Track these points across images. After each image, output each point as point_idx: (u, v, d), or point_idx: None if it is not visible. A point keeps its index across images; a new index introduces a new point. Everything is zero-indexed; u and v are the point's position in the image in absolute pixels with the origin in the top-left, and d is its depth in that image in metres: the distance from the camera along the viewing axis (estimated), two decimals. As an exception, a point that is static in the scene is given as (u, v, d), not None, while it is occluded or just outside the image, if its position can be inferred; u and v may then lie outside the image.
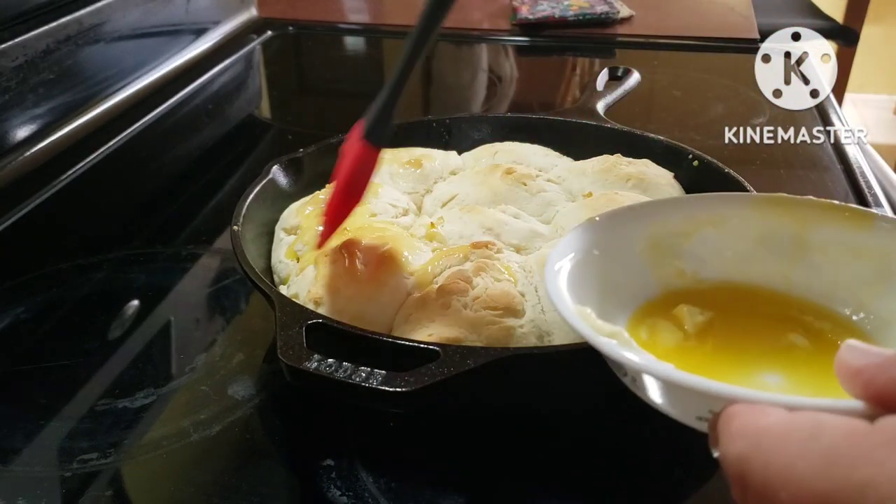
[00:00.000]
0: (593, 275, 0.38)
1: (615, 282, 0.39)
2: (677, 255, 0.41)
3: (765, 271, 0.40)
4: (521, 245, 0.52)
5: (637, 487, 0.43)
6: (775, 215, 0.40)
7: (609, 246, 0.39)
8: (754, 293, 0.40)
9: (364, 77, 1.17)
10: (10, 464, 0.45)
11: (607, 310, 0.36)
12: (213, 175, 0.83)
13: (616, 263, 0.39)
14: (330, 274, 0.48)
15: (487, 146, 0.67)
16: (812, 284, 0.39)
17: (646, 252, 0.40)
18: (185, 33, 1.07)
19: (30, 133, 0.80)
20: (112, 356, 0.54)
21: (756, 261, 0.40)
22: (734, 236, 0.41)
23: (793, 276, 0.39)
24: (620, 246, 0.40)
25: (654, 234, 0.41)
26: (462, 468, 0.44)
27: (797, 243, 0.40)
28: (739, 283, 0.40)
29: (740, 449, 0.22)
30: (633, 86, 0.77)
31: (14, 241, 0.69)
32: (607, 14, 1.19)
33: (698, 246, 0.41)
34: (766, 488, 0.21)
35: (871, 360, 0.22)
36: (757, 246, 0.40)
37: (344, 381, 0.37)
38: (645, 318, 0.38)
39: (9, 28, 0.78)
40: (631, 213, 0.42)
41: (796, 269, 0.39)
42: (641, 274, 0.40)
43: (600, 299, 0.36)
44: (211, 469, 0.45)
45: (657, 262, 0.40)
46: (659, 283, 0.40)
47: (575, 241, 0.39)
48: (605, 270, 0.38)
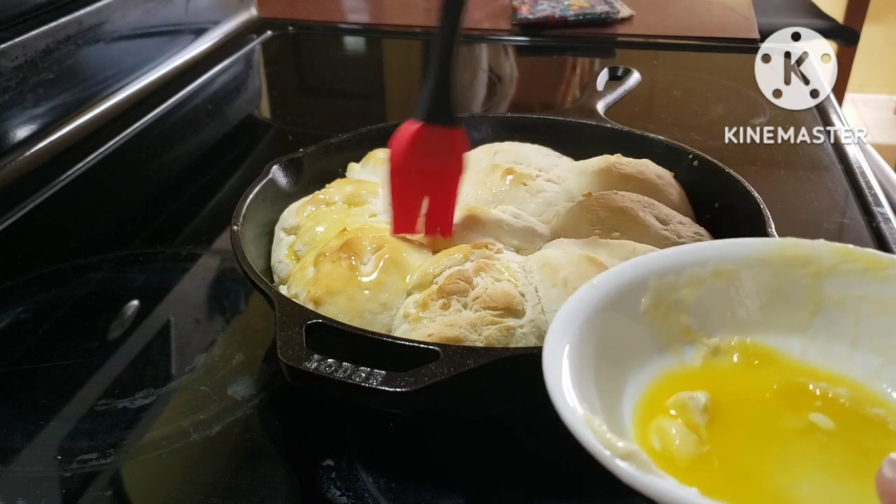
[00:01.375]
0: (596, 348, 0.35)
1: (620, 353, 0.36)
2: (683, 312, 0.38)
3: (779, 325, 0.38)
4: (522, 245, 0.52)
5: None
6: (788, 266, 0.38)
7: (611, 311, 0.36)
8: (763, 356, 0.37)
9: (364, 77, 1.17)
10: (10, 464, 0.45)
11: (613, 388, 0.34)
12: (213, 175, 0.83)
13: (620, 329, 0.36)
14: (330, 274, 0.48)
15: (487, 146, 0.67)
16: (830, 338, 0.36)
17: (649, 312, 0.38)
18: (185, 33, 1.07)
19: (30, 133, 0.80)
20: (112, 356, 0.54)
21: (769, 315, 0.38)
22: (744, 289, 0.38)
23: (809, 330, 0.37)
24: (622, 310, 0.37)
25: (656, 290, 0.38)
26: (462, 468, 0.44)
27: (812, 295, 0.37)
28: (750, 343, 0.38)
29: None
30: (633, 86, 0.77)
31: (14, 241, 0.69)
32: (607, 14, 1.19)
33: (705, 301, 0.38)
34: None
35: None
36: (769, 299, 0.38)
37: (344, 381, 0.37)
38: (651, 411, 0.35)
39: (9, 28, 0.78)
40: (630, 271, 0.39)
41: (813, 322, 0.37)
42: (647, 339, 0.37)
43: (604, 376, 0.34)
44: (211, 469, 0.45)
45: (662, 323, 0.38)
46: (664, 348, 0.37)
47: (573, 314, 0.35)
48: (609, 341, 0.36)
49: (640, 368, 0.36)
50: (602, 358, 0.34)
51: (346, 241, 0.50)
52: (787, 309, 0.38)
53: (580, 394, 0.31)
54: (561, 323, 0.35)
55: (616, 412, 0.33)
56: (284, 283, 0.52)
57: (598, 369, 0.34)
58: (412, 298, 0.47)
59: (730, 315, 0.38)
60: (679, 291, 0.38)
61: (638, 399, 0.35)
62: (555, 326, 0.34)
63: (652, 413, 0.34)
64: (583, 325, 0.35)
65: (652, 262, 0.39)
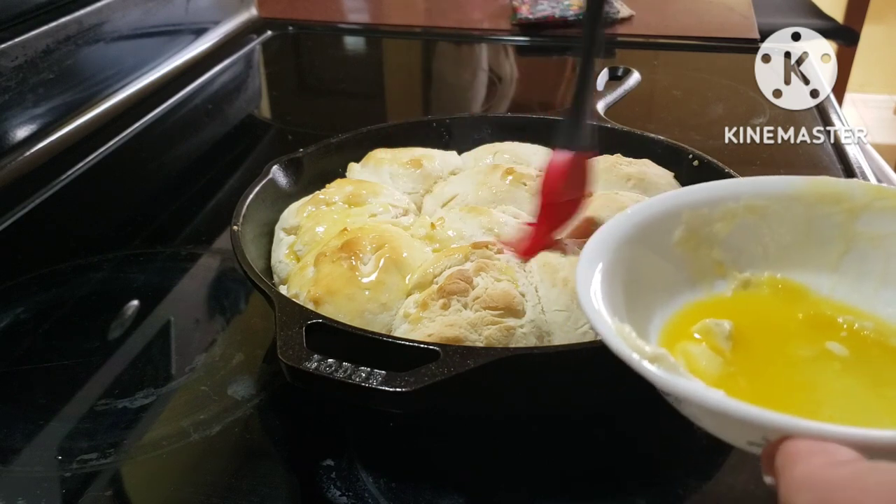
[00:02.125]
0: (627, 274, 0.35)
1: (650, 282, 0.36)
2: (715, 246, 0.38)
3: (809, 262, 0.38)
4: (521, 245, 0.52)
5: (637, 487, 0.43)
6: (821, 203, 0.38)
7: (643, 241, 0.37)
8: (793, 290, 0.38)
9: (364, 77, 1.17)
10: (10, 464, 0.45)
11: (640, 315, 0.34)
12: (213, 175, 0.83)
13: (651, 260, 0.37)
14: (330, 274, 0.48)
15: (487, 146, 0.67)
16: (860, 276, 0.37)
17: (681, 244, 0.38)
18: (185, 33, 1.07)
19: (30, 133, 0.80)
20: (112, 356, 0.54)
21: (800, 251, 0.38)
22: (776, 225, 0.38)
23: (839, 267, 0.37)
24: (655, 240, 0.37)
25: (689, 223, 0.38)
26: (462, 468, 0.44)
27: (844, 233, 0.37)
28: (781, 278, 0.38)
29: (807, 501, 0.21)
30: (633, 86, 0.77)
31: (14, 241, 0.69)
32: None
33: (737, 235, 0.38)
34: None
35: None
36: (801, 236, 0.38)
37: (344, 381, 0.37)
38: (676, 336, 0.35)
39: (9, 28, 0.78)
40: (664, 203, 0.39)
41: (843, 260, 0.37)
42: (677, 270, 0.38)
43: (633, 303, 0.34)
44: (211, 469, 0.45)
45: (694, 255, 0.38)
46: (695, 281, 0.38)
47: (607, 238, 0.36)
48: (640, 269, 0.36)
49: (669, 298, 0.37)
50: (632, 284, 0.35)
51: (346, 241, 0.50)
52: (819, 246, 0.38)
53: (611, 308, 0.32)
54: (594, 245, 0.35)
55: (643, 335, 0.33)
56: (284, 283, 0.52)
57: (627, 294, 0.34)
58: (412, 298, 0.47)
59: (761, 250, 0.38)
60: (712, 225, 0.38)
61: (664, 325, 0.36)
62: (588, 248, 0.35)
63: (677, 338, 0.35)
64: (615, 250, 0.35)
65: (685, 195, 0.39)
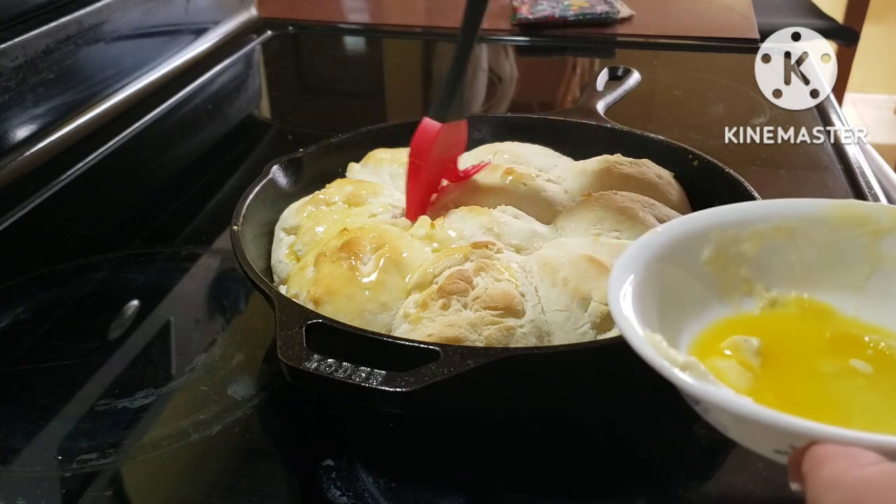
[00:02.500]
0: (656, 290, 0.36)
1: (679, 298, 0.37)
2: (743, 265, 0.39)
3: (835, 283, 0.39)
4: (522, 245, 0.52)
5: (637, 487, 0.43)
6: (847, 226, 0.39)
7: (672, 259, 0.38)
8: (819, 310, 0.38)
9: (364, 77, 1.17)
10: (10, 464, 0.45)
11: (670, 330, 0.34)
12: (213, 175, 0.83)
13: (680, 278, 0.38)
14: (330, 274, 0.48)
15: (487, 146, 0.67)
16: (885, 296, 0.37)
17: (710, 263, 0.39)
18: (185, 33, 1.07)
19: (30, 133, 0.80)
20: (112, 356, 0.54)
21: (827, 272, 0.39)
22: (803, 246, 0.39)
23: (865, 288, 0.38)
24: (684, 258, 0.38)
25: (718, 242, 0.39)
26: (462, 468, 0.44)
27: (869, 255, 0.38)
28: (807, 298, 0.39)
29: (837, 502, 0.21)
30: (633, 86, 0.77)
31: (14, 241, 0.69)
32: (607, 14, 1.19)
33: (765, 255, 0.39)
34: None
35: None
36: (827, 257, 0.39)
37: (344, 381, 0.37)
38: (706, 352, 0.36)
39: (9, 28, 0.78)
40: (693, 222, 0.40)
41: (869, 281, 0.38)
42: (706, 288, 0.38)
43: (663, 318, 0.35)
44: (211, 469, 0.45)
45: (722, 274, 0.39)
46: (723, 299, 0.39)
47: (639, 254, 0.37)
48: (669, 285, 0.37)
49: (698, 314, 0.38)
50: (662, 299, 0.36)
51: (346, 241, 0.50)
52: (845, 267, 0.39)
53: (641, 319, 0.33)
54: (625, 261, 0.36)
55: (674, 339, 0.35)
56: (284, 283, 0.52)
57: (657, 309, 0.35)
58: (412, 298, 0.47)
59: (789, 270, 0.39)
60: (741, 245, 0.39)
61: (693, 340, 0.37)
62: (620, 263, 0.36)
63: (706, 353, 0.35)
64: (645, 266, 0.36)
65: (715, 215, 0.40)
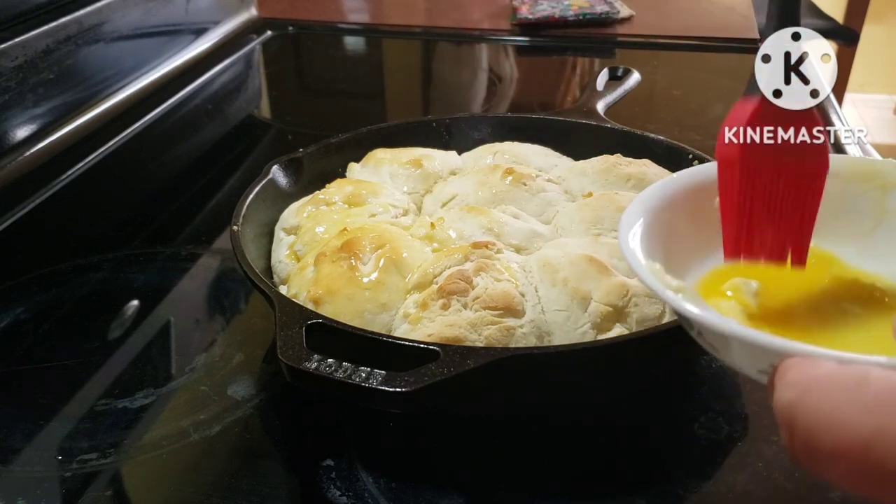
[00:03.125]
0: (667, 230, 0.38)
1: (688, 242, 0.39)
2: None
3: (841, 234, 0.40)
4: (522, 245, 0.52)
5: (637, 488, 0.43)
6: (856, 180, 0.40)
7: (686, 203, 0.39)
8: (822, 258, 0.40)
9: (364, 77, 1.17)
10: (10, 464, 0.45)
11: (676, 271, 0.36)
12: (213, 175, 0.83)
13: (692, 221, 0.39)
14: (330, 274, 0.48)
15: (487, 146, 0.67)
16: (889, 249, 0.39)
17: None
18: (185, 33, 1.07)
19: (30, 133, 0.80)
20: (112, 356, 0.54)
21: (833, 223, 0.40)
22: None
23: (869, 240, 0.39)
24: (697, 205, 0.40)
25: None
26: (462, 468, 0.44)
27: (876, 208, 0.39)
28: (812, 246, 0.39)
29: (790, 396, 0.23)
30: (633, 86, 0.77)
31: (14, 241, 0.69)
32: (607, 14, 1.19)
33: None
34: (812, 433, 0.22)
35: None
36: (835, 208, 0.40)
37: (344, 381, 0.37)
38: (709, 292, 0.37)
39: (9, 28, 0.78)
40: (710, 170, 0.40)
41: (874, 234, 0.39)
42: (716, 234, 0.39)
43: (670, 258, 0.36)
44: (211, 469, 0.45)
45: None
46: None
47: (652, 196, 0.39)
48: (679, 229, 0.38)
49: (705, 258, 0.39)
50: (671, 240, 0.37)
51: (346, 241, 0.50)
52: (852, 219, 0.40)
53: (646, 253, 0.35)
54: (640, 201, 0.38)
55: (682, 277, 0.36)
56: (284, 283, 0.52)
57: (665, 247, 0.37)
58: (412, 298, 0.47)
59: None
60: None
61: (697, 282, 0.38)
62: (633, 204, 0.38)
63: (709, 294, 0.37)
64: (657, 208, 0.38)
65: None
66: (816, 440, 0.22)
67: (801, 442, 0.22)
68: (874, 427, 0.21)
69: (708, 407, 0.47)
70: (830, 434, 0.21)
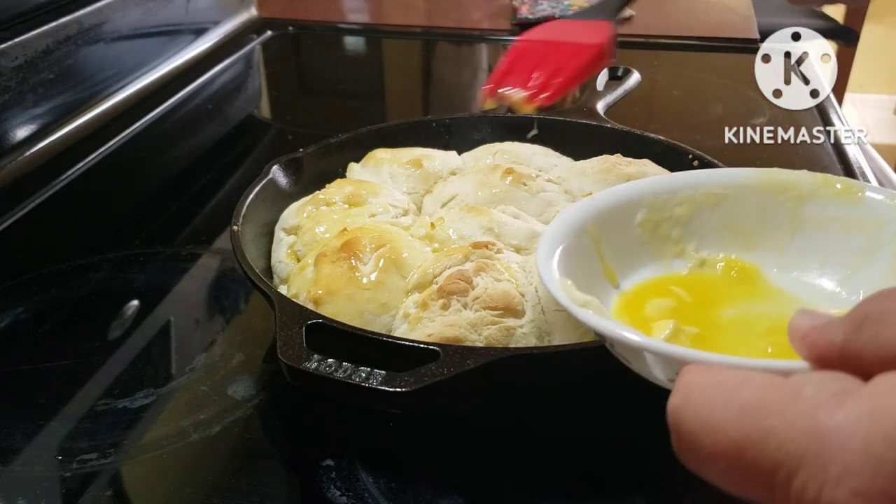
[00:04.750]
0: (589, 251, 0.39)
1: (611, 260, 0.40)
2: (675, 227, 0.42)
3: (761, 244, 0.42)
4: (522, 245, 0.52)
5: (637, 488, 0.43)
6: (772, 192, 0.42)
7: (607, 221, 0.41)
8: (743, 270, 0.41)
9: (364, 77, 1.17)
10: (10, 464, 0.45)
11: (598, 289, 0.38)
12: (213, 175, 0.83)
13: (614, 239, 0.41)
14: (330, 274, 0.48)
15: (487, 146, 0.67)
16: (805, 255, 0.40)
17: (643, 225, 0.42)
18: (185, 33, 1.07)
19: (30, 133, 0.80)
20: (112, 356, 0.54)
21: (753, 234, 0.42)
22: (732, 211, 0.42)
23: (788, 248, 0.41)
24: (619, 222, 0.42)
25: (651, 206, 0.42)
26: (462, 468, 0.44)
27: (793, 218, 0.41)
28: (735, 259, 0.42)
29: (675, 402, 0.24)
30: (633, 86, 0.77)
31: (14, 241, 0.69)
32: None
33: (696, 220, 0.43)
34: (693, 436, 0.22)
35: (816, 323, 0.24)
36: (754, 220, 0.42)
37: (344, 381, 0.37)
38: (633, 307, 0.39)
39: (9, 28, 0.78)
40: (628, 189, 0.44)
41: (791, 241, 0.41)
42: (639, 250, 0.42)
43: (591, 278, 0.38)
44: (211, 469, 0.45)
45: (655, 236, 0.42)
46: (656, 260, 0.42)
47: (572, 216, 0.40)
48: (603, 247, 0.40)
49: (630, 273, 0.41)
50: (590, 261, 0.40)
51: (346, 241, 0.50)
52: (770, 229, 0.42)
53: (565, 272, 0.36)
54: (559, 224, 0.40)
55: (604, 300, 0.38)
56: (284, 283, 0.52)
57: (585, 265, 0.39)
58: (412, 298, 0.47)
59: (717, 233, 0.43)
60: (673, 209, 0.43)
61: (623, 294, 0.40)
62: (553, 226, 0.40)
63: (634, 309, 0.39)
64: (580, 227, 0.40)
65: (648, 184, 0.44)
66: (698, 443, 0.22)
67: (685, 444, 0.23)
68: (746, 428, 0.21)
69: (708, 407, 0.47)
70: (709, 437, 0.22)
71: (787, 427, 0.20)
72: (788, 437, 0.20)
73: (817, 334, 0.23)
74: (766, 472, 0.20)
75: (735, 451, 0.21)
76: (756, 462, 0.20)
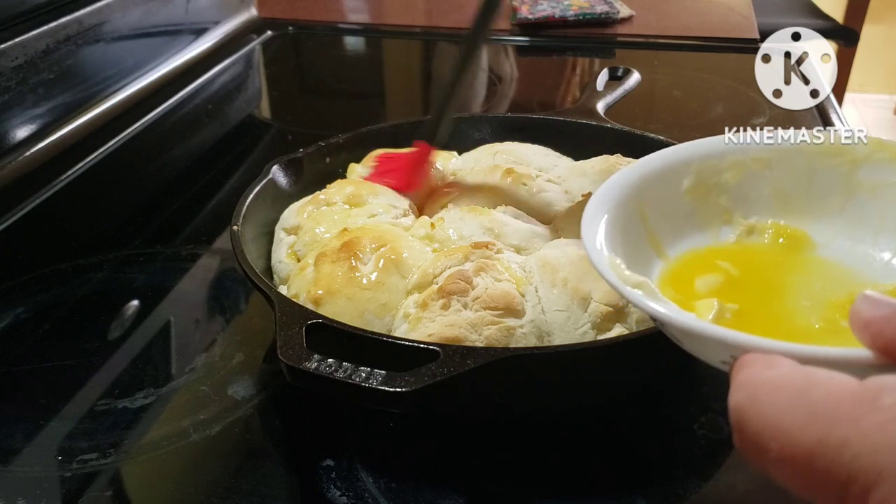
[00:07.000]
0: (634, 220, 0.38)
1: (657, 228, 0.39)
2: (723, 194, 0.41)
3: (812, 210, 0.40)
4: (522, 245, 0.52)
5: (637, 488, 0.43)
6: (824, 155, 0.40)
7: (653, 188, 0.39)
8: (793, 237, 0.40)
9: (364, 77, 1.17)
10: (10, 464, 0.45)
11: (643, 260, 0.36)
12: (213, 175, 0.83)
13: (660, 207, 0.39)
14: (330, 274, 0.48)
15: (487, 146, 0.67)
16: (859, 223, 0.39)
17: (691, 192, 0.41)
18: (185, 33, 1.07)
19: (30, 133, 0.80)
20: (112, 356, 0.54)
21: (804, 200, 0.40)
22: (782, 175, 0.40)
23: (841, 215, 0.39)
24: (665, 187, 0.40)
25: (699, 172, 0.41)
26: (462, 468, 0.44)
27: (846, 183, 0.39)
28: (784, 225, 0.40)
29: (739, 400, 0.23)
30: (633, 86, 0.77)
31: (14, 241, 0.69)
32: (607, 14, 1.19)
33: (744, 185, 0.41)
34: (759, 439, 0.22)
35: (881, 311, 0.23)
36: (805, 185, 0.40)
37: (344, 381, 0.37)
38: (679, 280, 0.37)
39: (9, 28, 0.78)
40: (676, 153, 0.42)
41: (845, 208, 0.39)
42: (686, 218, 0.40)
43: (637, 248, 0.37)
44: (211, 469, 0.45)
45: (702, 203, 0.41)
46: (703, 228, 0.40)
47: (618, 184, 0.39)
48: (648, 215, 0.39)
49: (676, 242, 0.40)
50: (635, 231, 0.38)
51: (347, 241, 0.50)
52: (822, 195, 0.40)
53: (611, 247, 0.35)
54: (605, 190, 0.38)
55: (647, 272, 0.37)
56: (284, 283, 0.52)
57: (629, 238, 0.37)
58: (412, 298, 0.47)
59: (767, 199, 0.41)
60: (721, 175, 0.41)
61: (668, 267, 0.39)
62: (598, 194, 0.38)
63: (681, 283, 0.37)
64: (625, 196, 0.38)
65: (696, 147, 0.42)
66: (764, 445, 0.22)
67: (750, 445, 0.22)
68: (817, 436, 0.20)
69: (708, 407, 0.47)
70: (776, 441, 0.21)
71: (863, 438, 0.20)
72: (864, 450, 0.19)
73: (882, 324, 0.23)
74: (839, 483, 0.20)
75: (805, 458, 0.21)
76: (828, 472, 0.20)
